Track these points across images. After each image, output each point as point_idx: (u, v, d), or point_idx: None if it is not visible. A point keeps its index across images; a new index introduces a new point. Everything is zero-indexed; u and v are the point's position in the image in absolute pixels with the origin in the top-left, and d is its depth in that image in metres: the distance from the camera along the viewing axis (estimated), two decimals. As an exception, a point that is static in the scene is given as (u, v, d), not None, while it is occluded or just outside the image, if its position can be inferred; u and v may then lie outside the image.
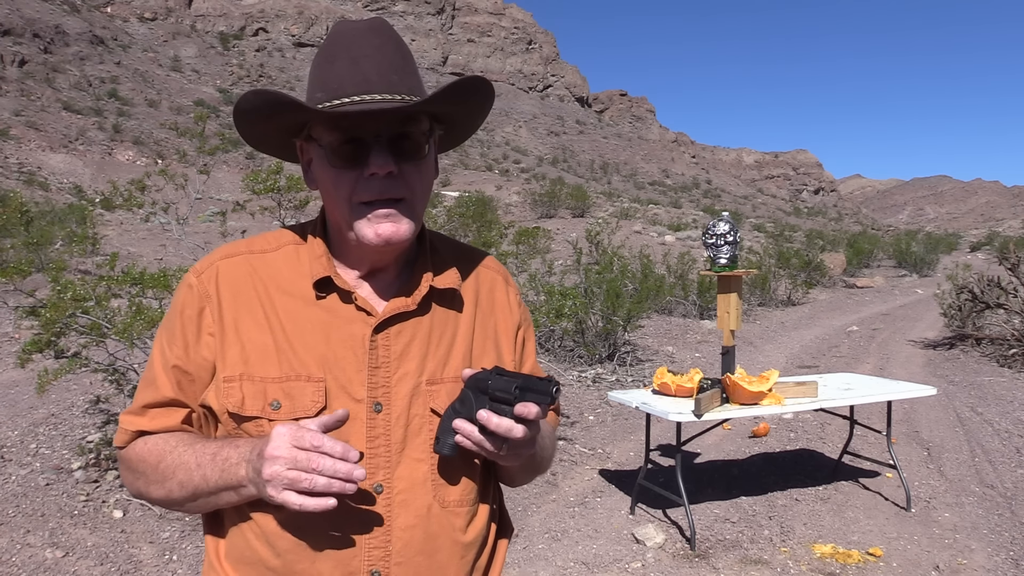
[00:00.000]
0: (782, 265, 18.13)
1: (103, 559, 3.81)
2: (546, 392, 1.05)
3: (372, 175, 1.07)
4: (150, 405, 1.16)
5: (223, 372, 1.12)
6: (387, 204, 1.09)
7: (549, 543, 4.25)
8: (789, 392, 4.35)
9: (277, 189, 5.28)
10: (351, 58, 1.08)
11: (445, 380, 1.15)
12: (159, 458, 1.12)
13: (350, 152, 1.07)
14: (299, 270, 1.16)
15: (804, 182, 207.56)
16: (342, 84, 1.07)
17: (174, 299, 1.20)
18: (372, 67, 1.08)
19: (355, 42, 1.09)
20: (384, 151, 1.07)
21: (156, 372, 1.17)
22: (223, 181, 44.65)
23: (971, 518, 4.58)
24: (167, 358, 1.16)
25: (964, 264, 18.73)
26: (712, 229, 4.38)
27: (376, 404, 1.11)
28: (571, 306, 8.07)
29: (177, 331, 1.16)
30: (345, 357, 1.12)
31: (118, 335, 4.30)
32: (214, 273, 1.17)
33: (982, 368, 9.21)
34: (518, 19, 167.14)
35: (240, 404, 1.10)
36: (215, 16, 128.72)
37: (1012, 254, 10.36)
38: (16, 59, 74.59)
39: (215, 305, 1.14)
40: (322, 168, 1.11)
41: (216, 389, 1.12)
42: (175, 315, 1.17)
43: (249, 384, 1.11)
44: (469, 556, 1.17)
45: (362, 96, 1.06)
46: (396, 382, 1.12)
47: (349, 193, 1.09)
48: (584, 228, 18.36)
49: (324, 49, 1.12)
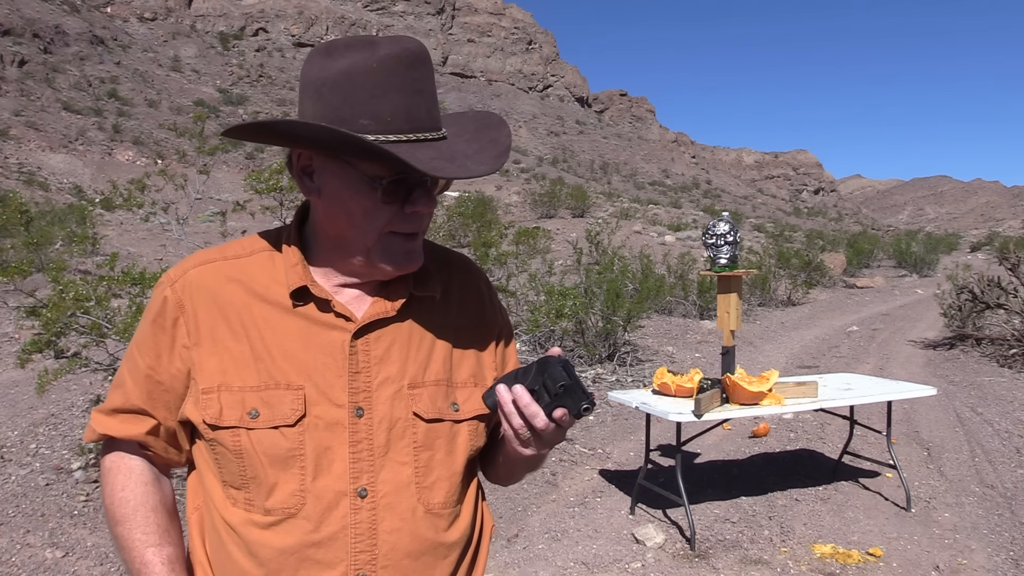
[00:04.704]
0: (782, 265, 18.13)
1: (103, 559, 3.81)
2: (575, 408, 1.05)
3: (414, 212, 1.10)
4: (119, 410, 1.18)
5: (201, 384, 1.11)
6: (413, 236, 1.13)
7: (549, 543, 4.25)
8: (789, 392, 4.35)
9: (279, 189, 5.28)
10: (408, 91, 1.06)
11: (427, 384, 1.16)
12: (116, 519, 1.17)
13: (397, 188, 1.08)
14: (274, 277, 1.15)
15: (804, 182, 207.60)
16: (396, 119, 1.05)
17: (149, 306, 1.19)
18: (424, 103, 1.08)
19: (409, 73, 1.07)
20: (429, 192, 1.11)
21: (126, 377, 1.18)
22: (223, 181, 44.65)
23: (971, 518, 4.58)
24: (138, 366, 1.16)
25: (964, 264, 18.75)
26: (712, 229, 4.39)
27: (358, 409, 1.11)
28: (571, 306, 8.07)
29: (149, 340, 1.15)
30: (325, 363, 1.11)
31: (118, 335, 4.30)
32: (188, 282, 1.15)
33: (982, 368, 9.21)
34: (518, 19, 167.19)
35: (218, 415, 1.10)
36: (215, 16, 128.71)
37: (1012, 254, 10.37)
38: (16, 59, 74.59)
39: (190, 316, 1.13)
40: (355, 194, 1.09)
41: (194, 401, 1.12)
42: (148, 323, 1.17)
43: (227, 394, 1.10)
44: (453, 556, 1.18)
45: (416, 135, 1.07)
46: (377, 386, 1.12)
47: (383, 224, 1.10)
48: (584, 228, 18.35)
49: (370, 74, 1.05)
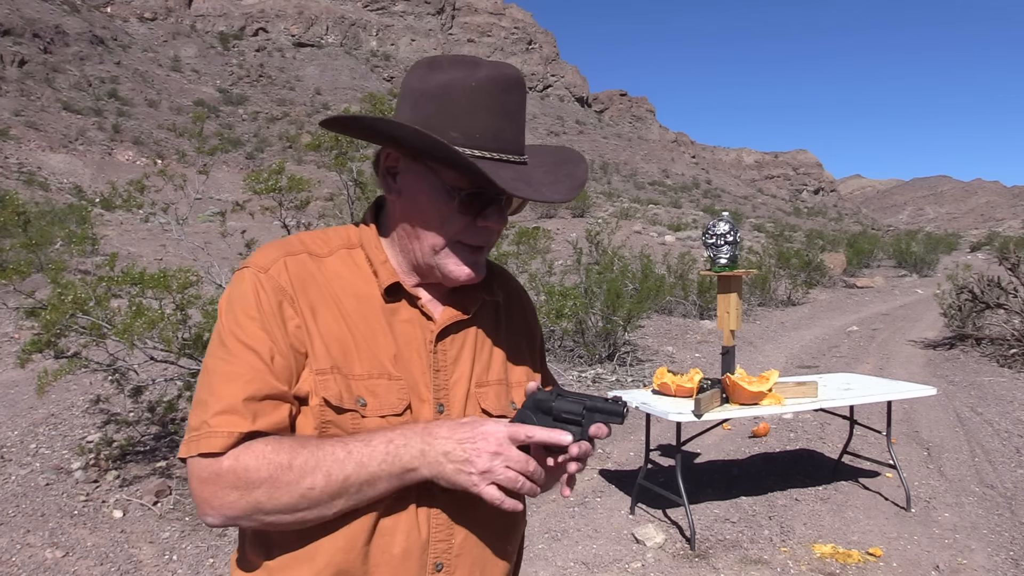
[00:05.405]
0: (782, 265, 18.14)
1: (103, 559, 3.81)
2: (617, 413, 1.08)
3: (485, 227, 1.16)
4: (254, 398, 1.06)
5: (315, 364, 1.11)
6: (479, 250, 1.19)
7: (549, 543, 4.25)
8: (789, 392, 4.35)
9: (278, 189, 5.27)
10: (500, 113, 1.12)
11: (490, 383, 1.24)
12: (291, 455, 1.04)
13: (473, 201, 1.14)
14: (359, 274, 1.19)
15: (804, 182, 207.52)
16: (484, 137, 1.11)
17: (240, 296, 1.13)
18: (513, 127, 1.14)
19: (503, 97, 1.12)
20: (503, 210, 1.17)
21: (247, 363, 1.07)
22: (223, 181, 44.65)
23: (971, 518, 4.58)
24: (258, 349, 1.08)
25: (964, 264, 18.71)
26: (712, 229, 4.39)
27: (439, 405, 1.17)
28: (571, 306, 8.08)
29: (256, 324, 1.10)
30: (411, 359, 1.17)
31: (118, 335, 4.30)
32: (283, 268, 1.14)
33: (982, 368, 9.21)
34: (518, 19, 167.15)
35: (339, 396, 1.11)
36: (215, 16, 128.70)
37: (1012, 254, 10.37)
38: (16, 59, 74.59)
39: (294, 298, 1.12)
40: (433, 200, 1.15)
41: (311, 380, 1.11)
42: (251, 309, 1.11)
43: (340, 378, 1.11)
44: (507, 537, 1.26)
45: (501, 155, 1.12)
46: (452, 384, 1.19)
47: (455, 233, 1.15)
48: (584, 228, 18.36)
49: (467, 91, 1.10)
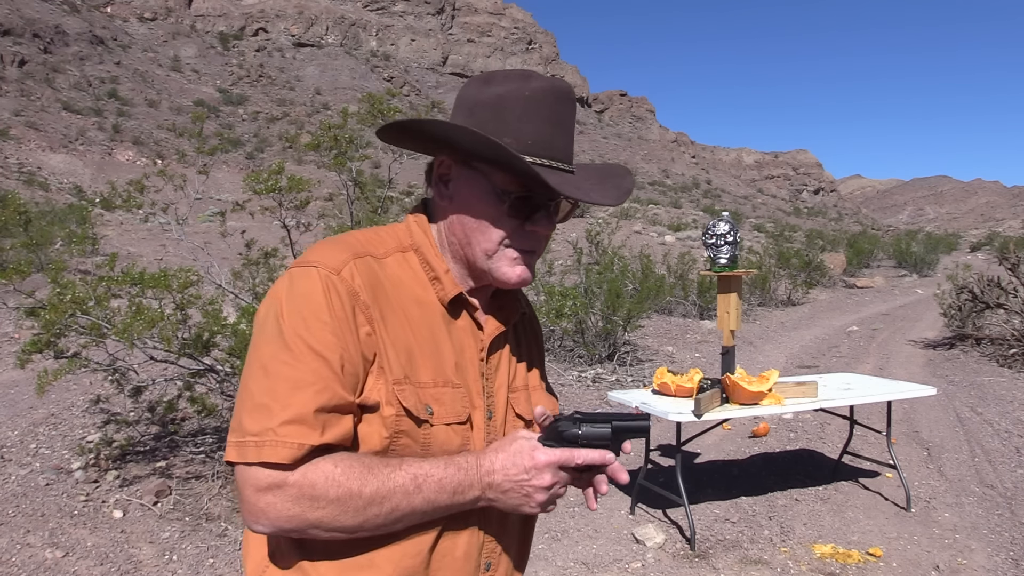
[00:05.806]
0: (782, 265, 18.14)
1: (103, 559, 3.81)
2: (642, 430, 1.13)
3: (533, 231, 1.19)
4: (324, 409, 1.03)
5: (390, 374, 1.09)
6: (529, 253, 1.21)
7: (549, 543, 4.25)
8: (789, 392, 4.35)
9: (278, 189, 5.26)
10: (551, 122, 1.16)
11: (519, 388, 1.29)
12: (360, 483, 1.03)
13: (522, 205, 1.17)
14: (416, 280, 1.19)
15: (804, 182, 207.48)
16: (536, 144, 1.15)
17: (306, 296, 1.08)
18: (563, 136, 1.18)
19: (555, 107, 1.17)
20: (551, 215, 1.20)
21: (314, 370, 1.03)
22: (223, 181, 44.66)
23: (971, 518, 4.58)
24: (328, 356, 1.04)
25: (964, 264, 18.72)
26: (712, 229, 4.39)
27: (489, 411, 1.21)
28: (571, 306, 8.08)
29: (328, 329, 1.06)
30: (467, 367, 1.20)
31: (118, 335, 4.30)
32: (354, 271, 1.11)
33: (982, 368, 9.21)
34: (518, 19, 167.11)
35: (416, 407, 1.10)
36: (215, 16, 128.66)
37: (1012, 254, 10.37)
38: (16, 59, 74.61)
39: (364, 305, 1.10)
40: (483, 203, 1.17)
41: (386, 390, 1.09)
42: (322, 313, 1.06)
43: (412, 388, 1.11)
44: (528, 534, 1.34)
45: (551, 162, 1.16)
46: (496, 390, 1.24)
47: (504, 236, 1.18)
48: (584, 228, 18.34)
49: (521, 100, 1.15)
